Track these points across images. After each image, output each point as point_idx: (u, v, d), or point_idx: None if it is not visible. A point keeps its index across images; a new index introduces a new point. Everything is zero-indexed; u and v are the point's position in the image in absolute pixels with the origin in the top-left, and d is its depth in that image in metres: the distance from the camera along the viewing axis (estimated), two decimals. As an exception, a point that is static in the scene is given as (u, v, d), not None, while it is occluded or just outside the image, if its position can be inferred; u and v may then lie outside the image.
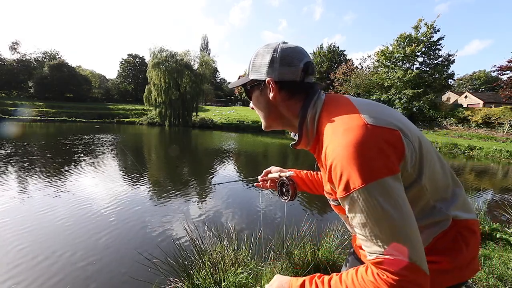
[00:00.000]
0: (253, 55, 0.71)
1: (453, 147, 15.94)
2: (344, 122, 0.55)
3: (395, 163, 0.51)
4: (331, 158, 0.53)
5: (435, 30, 24.96)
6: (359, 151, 0.49)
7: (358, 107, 0.58)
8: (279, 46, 0.67)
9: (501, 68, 24.31)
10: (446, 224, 0.61)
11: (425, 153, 0.59)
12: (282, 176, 0.98)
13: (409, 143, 0.55)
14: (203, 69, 30.83)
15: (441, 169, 0.64)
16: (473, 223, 0.65)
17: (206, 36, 60.05)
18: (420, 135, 0.61)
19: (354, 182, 0.49)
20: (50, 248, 3.06)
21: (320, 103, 0.65)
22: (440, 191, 0.62)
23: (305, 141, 0.68)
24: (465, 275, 0.64)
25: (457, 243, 0.62)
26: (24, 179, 5.93)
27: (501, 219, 3.71)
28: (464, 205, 0.65)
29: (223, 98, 61.78)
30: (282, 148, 15.19)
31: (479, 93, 39.52)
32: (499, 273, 2.04)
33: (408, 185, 0.56)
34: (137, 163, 8.22)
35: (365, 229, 0.50)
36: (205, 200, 5.18)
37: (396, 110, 0.67)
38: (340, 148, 0.51)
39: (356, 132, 0.51)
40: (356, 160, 0.49)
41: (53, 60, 46.19)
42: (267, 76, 0.66)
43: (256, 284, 1.77)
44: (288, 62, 0.65)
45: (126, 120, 33.86)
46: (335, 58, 36.75)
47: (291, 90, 0.67)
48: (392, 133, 0.53)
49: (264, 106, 0.72)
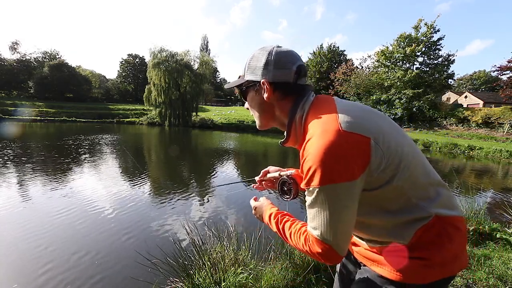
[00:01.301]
0: (249, 57, 0.75)
1: (453, 147, 15.93)
2: (322, 124, 0.61)
3: (356, 170, 0.58)
4: (306, 154, 0.61)
5: (435, 30, 24.98)
6: (326, 155, 0.56)
7: (339, 110, 0.63)
8: (273, 49, 0.71)
9: (501, 68, 24.31)
10: (427, 219, 0.65)
11: (404, 156, 0.63)
12: (282, 175, 0.96)
13: (378, 150, 0.59)
14: (203, 69, 30.80)
15: (424, 169, 0.68)
16: (457, 219, 0.69)
17: (206, 36, 60.10)
18: (399, 139, 0.65)
19: (314, 180, 0.59)
20: (50, 248, 3.06)
21: (308, 104, 0.70)
22: (422, 190, 0.66)
23: (293, 139, 0.73)
24: (450, 270, 0.67)
25: (440, 239, 0.65)
26: (22, 179, 5.92)
27: (501, 219, 3.71)
28: (448, 202, 0.69)
29: (223, 98, 61.72)
30: (282, 148, 15.13)
31: (479, 93, 39.53)
32: (499, 273, 2.03)
33: (379, 186, 0.63)
34: (138, 163, 8.21)
35: (310, 210, 0.64)
36: (205, 200, 5.18)
37: (381, 113, 0.70)
38: (314, 148, 0.58)
39: (328, 136, 0.57)
40: (321, 163, 0.57)
41: (53, 60, 46.13)
42: (262, 77, 0.71)
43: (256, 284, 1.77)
44: (282, 65, 0.70)
45: (126, 120, 33.84)
46: (335, 58, 36.72)
47: (284, 91, 0.72)
48: (362, 140, 0.58)
49: (258, 106, 0.77)
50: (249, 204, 1.05)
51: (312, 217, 0.64)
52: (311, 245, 0.65)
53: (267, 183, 1.07)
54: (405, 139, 0.68)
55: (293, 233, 0.72)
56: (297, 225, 0.73)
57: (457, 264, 0.68)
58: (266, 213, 0.86)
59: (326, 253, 0.63)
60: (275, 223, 0.80)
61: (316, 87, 35.08)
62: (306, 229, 0.68)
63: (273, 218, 0.82)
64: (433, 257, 0.65)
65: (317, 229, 0.63)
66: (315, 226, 0.63)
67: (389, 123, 0.68)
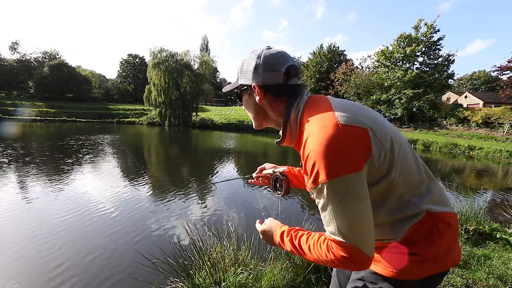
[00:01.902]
0: (241, 61, 0.78)
1: (453, 147, 15.92)
2: (320, 121, 0.62)
3: (360, 160, 0.58)
4: (307, 153, 0.61)
5: (435, 30, 24.95)
6: (328, 149, 0.56)
7: (334, 107, 0.64)
8: (262, 52, 0.73)
9: (501, 68, 24.29)
10: (419, 216, 0.66)
11: (397, 150, 0.64)
12: (276, 172, 1.01)
13: (377, 141, 0.60)
14: (203, 69, 30.80)
15: (415, 166, 0.69)
16: (448, 216, 0.70)
17: (206, 36, 60.16)
18: (393, 133, 0.66)
19: (321, 176, 0.58)
20: (50, 248, 3.06)
21: (302, 103, 0.70)
22: (414, 186, 0.68)
23: (289, 138, 0.74)
24: (442, 266, 0.69)
25: (431, 234, 0.67)
26: (21, 179, 5.93)
27: (501, 219, 3.71)
28: (439, 199, 0.70)
29: (223, 98, 61.68)
30: (282, 148, 15.12)
31: (479, 93, 39.53)
32: (499, 273, 2.04)
33: (379, 179, 0.63)
34: (138, 163, 8.21)
35: (325, 213, 0.61)
36: (205, 200, 5.18)
37: (371, 109, 0.72)
38: (314, 144, 0.58)
39: (328, 131, 0.58)
40: (325, 157, 0.56)
41: (53, 60, 46.11)
42: (253, 81, 0.73)
43: (256, 284, 1.77)
44: (270, 67, 0.71)
45: (126, 120, 33.83)
46: (335, 58, 36.69)
47: (275, 93, 0.73)
48: (361, 132, 0.59)
49: (252, 108, 0.79)
50: (249, 204, 1.05)
51: (328, 221, 0.61)
52: (335, 251, 0.60)
53: (263, 179, 1.11)
54: (398, 132, 0.70)
55: (312, 246, 0.66)
56: (314, 236, 0.68)
57: (449, 259, 0.69)
58: (277, 233, 0.79)
59: (353, 255, 0.58)
60: (289, 241, 0.73)
61: (316, 87, 35.08)
62: (326, 237, 0.64)
63: (286, 235, 0.75)
64: (425, 253, 0.66)
65: (336, 232, 0.59)
66: (334, 230, 0.60)
67: (381, 117, 0.70)
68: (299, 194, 5.23)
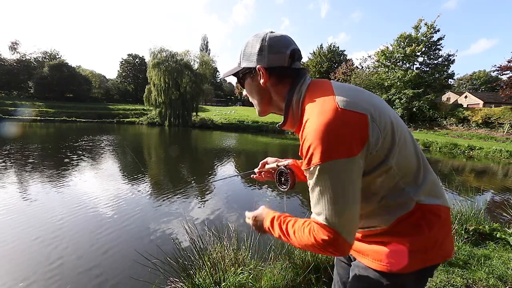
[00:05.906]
0: (243, 45, 0.76)
1: (453, 147, 15.92)
2: (320, 104, 0.62)
3: (354, 146, 0.58)
4: (305, 135, 0.61)
5: (435, 30, 24.95)
6: (325, 133, 0.57)
7: (336, 91, 0.64)
8: (267, 35, 0.72)
9: (501, 68, 24.28)
10: (409, 207, 0.66)
11: (397, 137, 0.64)
12: (280, 165, 0.97)
13: (375, 127, 0.60)
14: (203, 69, 30.83)
15: (414, 154, 0.69)
16: (439, 208, 0.69)
17: (206, 36, 60.40)
18: (395, 120, 0.66)
19: (314, 158, 0.59)
20: (50, 248, 3.06)
21: (305, 87, 0.70)
22: (411, 175, 0.67)
23: (291, 122, 0.73)
24: (432, 259, 0.68)
25: (419, 226, 0.66)
26: (21, 178, 5.93)
27: (501, 219, 3.71)
28: (432, 190, 0.69)
29: (223, 98, 61.75)
30: (282, 147, 15.19)
31: (479, 93, 39.55)
32: (499, 273, 2.03)
33: (376, 165, 0.63)
34: (139, 163, 8.21)
35: (313, 195, 0.62)
36: (205, 200, 5.18)
37: (374, 94, 0.71)
38: (312, 127, 0.59)
39: (327, 114, 0.58)
40: (320, 140, 0.57)
41: (53, 60, 46.13)
42: (257, 63, 0.72)
43: (256, 284, 1.77)
44: (276, 50, 0.71)
45: (126, 120, 33.83)
46: (335, 58, 36.74)
47: (279, 75, 0.72)
48: (359, 117, 0.59)
49: (256, 92, 0.77)
50: (249, 204, 1.04)
51: (314, 202, 0.62)
52: (316, 234, 0.60)
53: (266, 173, 1.08)
54: (398, 119, 0.69)
55: (297, 230, 0.67)
56: (300, 221, 0.69)
57: (439, 253, 0.68)
58: (268, 218, 0.78)
59: (332, 239, 0.58)
60: (278, 225, 0.74)
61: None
62: (310, 221, 0.64)
63: (276, 220, 0.75)
64: (413, 244, 0.65)
65: (321, 213, 0.60)
66: (319, 211, 0.60)
67: (382, 102, 0.69)
68: (299, 194, 5.24)
